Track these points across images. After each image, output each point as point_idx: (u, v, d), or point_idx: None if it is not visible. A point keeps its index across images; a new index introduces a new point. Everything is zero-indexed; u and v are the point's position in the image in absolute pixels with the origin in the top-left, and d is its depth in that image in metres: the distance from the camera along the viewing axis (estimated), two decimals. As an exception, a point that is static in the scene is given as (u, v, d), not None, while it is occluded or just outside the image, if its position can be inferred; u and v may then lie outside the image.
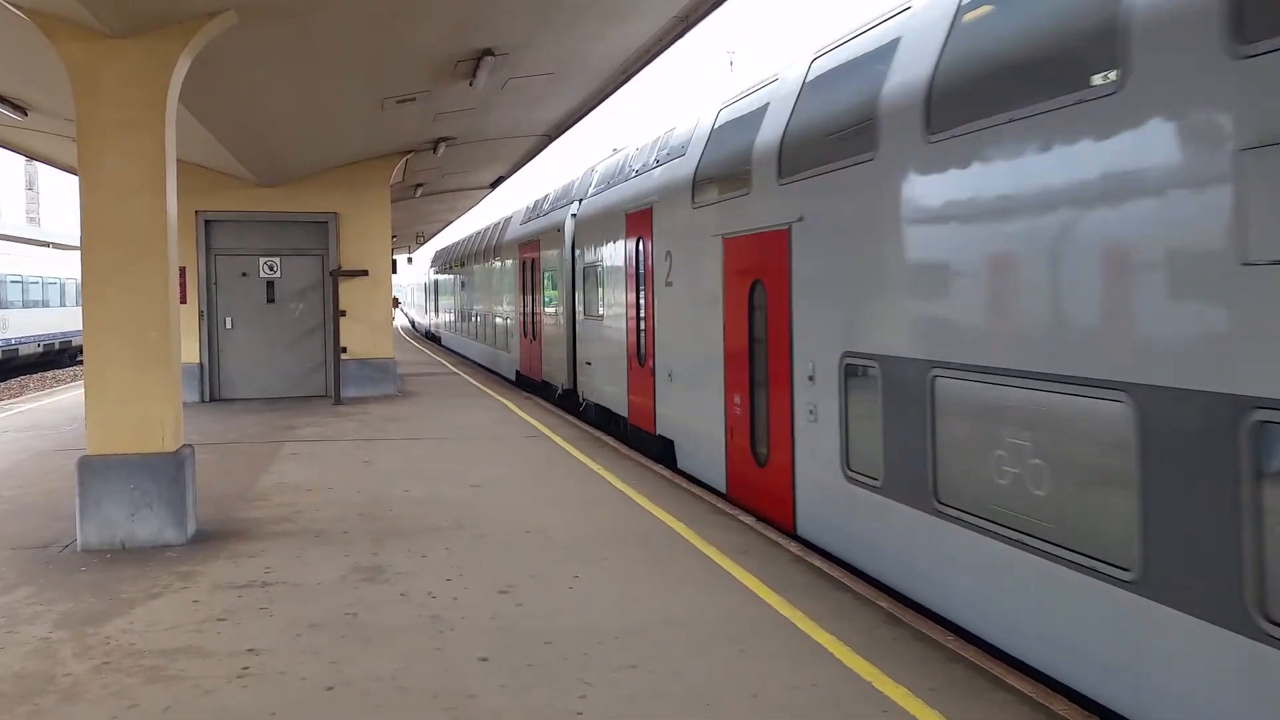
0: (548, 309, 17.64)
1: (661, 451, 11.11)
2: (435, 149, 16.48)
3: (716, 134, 9.64)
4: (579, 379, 15.67)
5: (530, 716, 4.41)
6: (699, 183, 9.76)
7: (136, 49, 7.31)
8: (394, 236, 29.53)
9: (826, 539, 7.21)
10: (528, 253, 19.53)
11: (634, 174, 12.59)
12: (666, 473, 10.16)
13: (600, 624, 5.59)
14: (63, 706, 4.58)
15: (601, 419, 14.28)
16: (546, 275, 17.71)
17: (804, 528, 7.57)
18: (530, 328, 19.43)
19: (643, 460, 10.88)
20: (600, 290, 14.03)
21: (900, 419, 6.09)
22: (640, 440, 11.96)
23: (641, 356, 11.90)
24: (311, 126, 13.74)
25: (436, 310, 41.84)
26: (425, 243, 48.40)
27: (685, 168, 10.25)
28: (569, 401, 16.22)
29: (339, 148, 15.68)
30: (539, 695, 4.63)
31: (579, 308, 15.44)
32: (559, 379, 16.82)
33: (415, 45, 10.12)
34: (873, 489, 6.47)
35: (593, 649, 5.20)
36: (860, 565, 6.72)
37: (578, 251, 15.47)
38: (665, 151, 11.38)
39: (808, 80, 7.57)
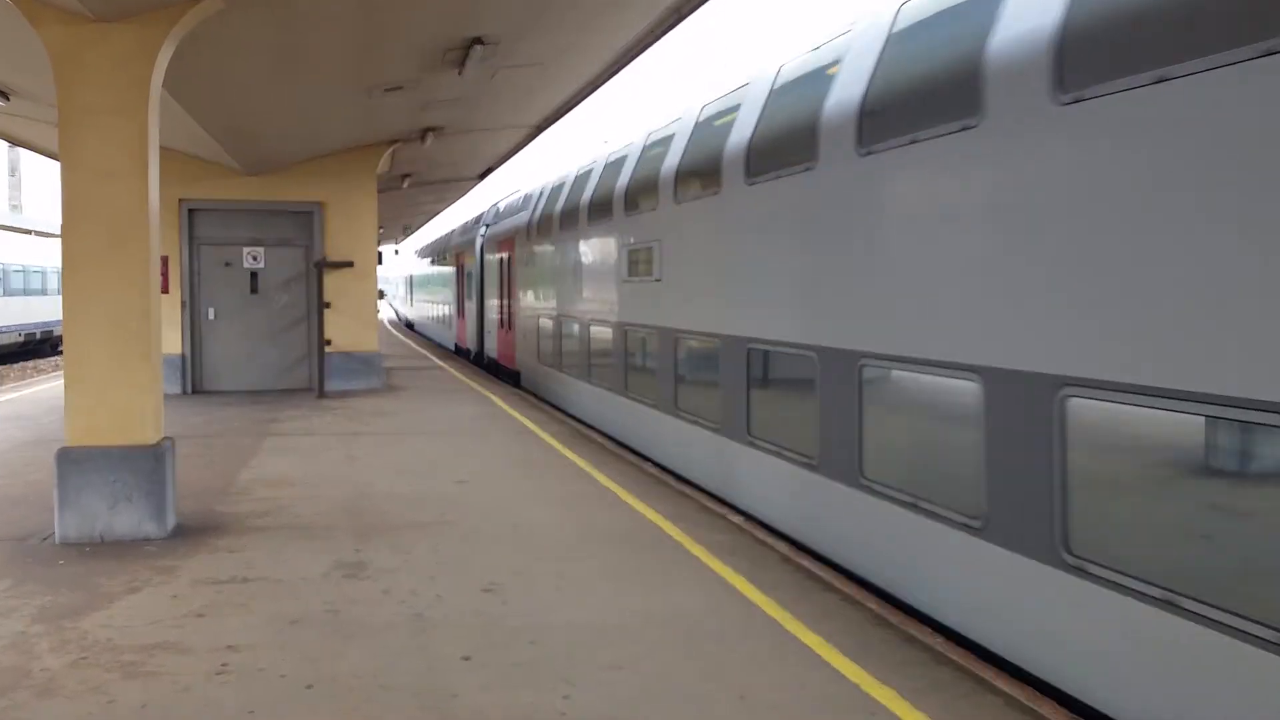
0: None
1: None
2: (423, 139, 16.34)
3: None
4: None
5: (514, 716, 4.36)
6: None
7: (120, 34, 7.20)
8: (381, 227, 29.52)
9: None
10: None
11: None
12: (654, 470, 10.12)
13: (586, 623, 5.54)
14: (38, 702, 4.49)
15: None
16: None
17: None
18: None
19: (631, 458, 10.84)
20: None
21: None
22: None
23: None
24: (297, 114, 13.61)
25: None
26: (412, 234, 48.23)
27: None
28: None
29: (325, 136, 15.54)
30: (522, 695, 4.58)
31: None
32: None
33: (403, 33, 10.02)
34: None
35: (578, 648, 5.15)
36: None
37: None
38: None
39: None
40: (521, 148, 19.49)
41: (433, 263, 36.62)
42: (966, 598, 5.39)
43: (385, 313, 58.88)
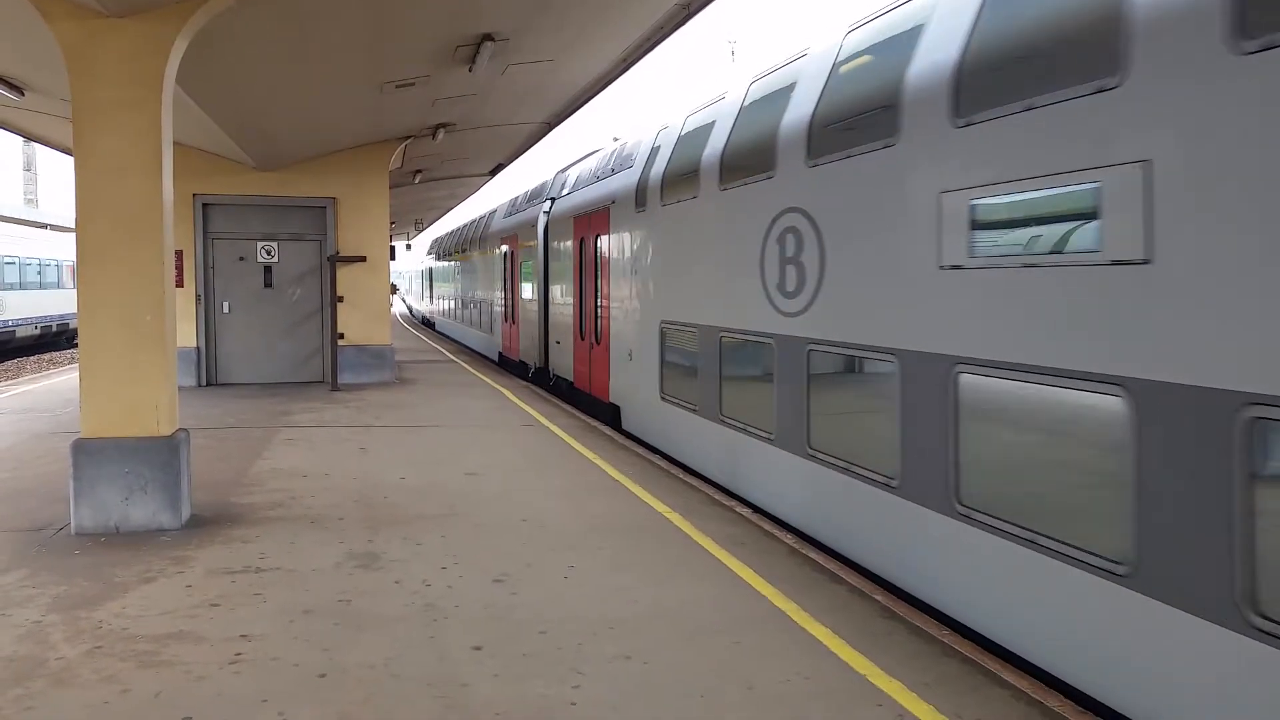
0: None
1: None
2: (434, 135, 16.40)
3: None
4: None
5: (523, 706, 4.39)
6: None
7: (133, 29, 7.25)
8: (392, 223, 29.50)
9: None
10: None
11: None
12: (662, 463, 10.14)
13: (595, 614, 5.57)
14: (54, 690, 4.56)
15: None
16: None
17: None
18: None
19: (640, 450, 10.87)
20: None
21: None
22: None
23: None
24: (310, 110, 13.66)
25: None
26: (424, 229, 48.31)
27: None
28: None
29: (337, 132, 15.60)
30: (532, 685, 4.61)
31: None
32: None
33: (414, 29, 10.06)
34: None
35: (587, 639, 5.18)
36: None
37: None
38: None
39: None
40: (533, 144, 19.52)
41: (461, 252, 30.28)
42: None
43: (397, 307, 58.96)
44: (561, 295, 16.26)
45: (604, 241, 13.21)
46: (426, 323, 43.79)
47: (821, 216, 7.18)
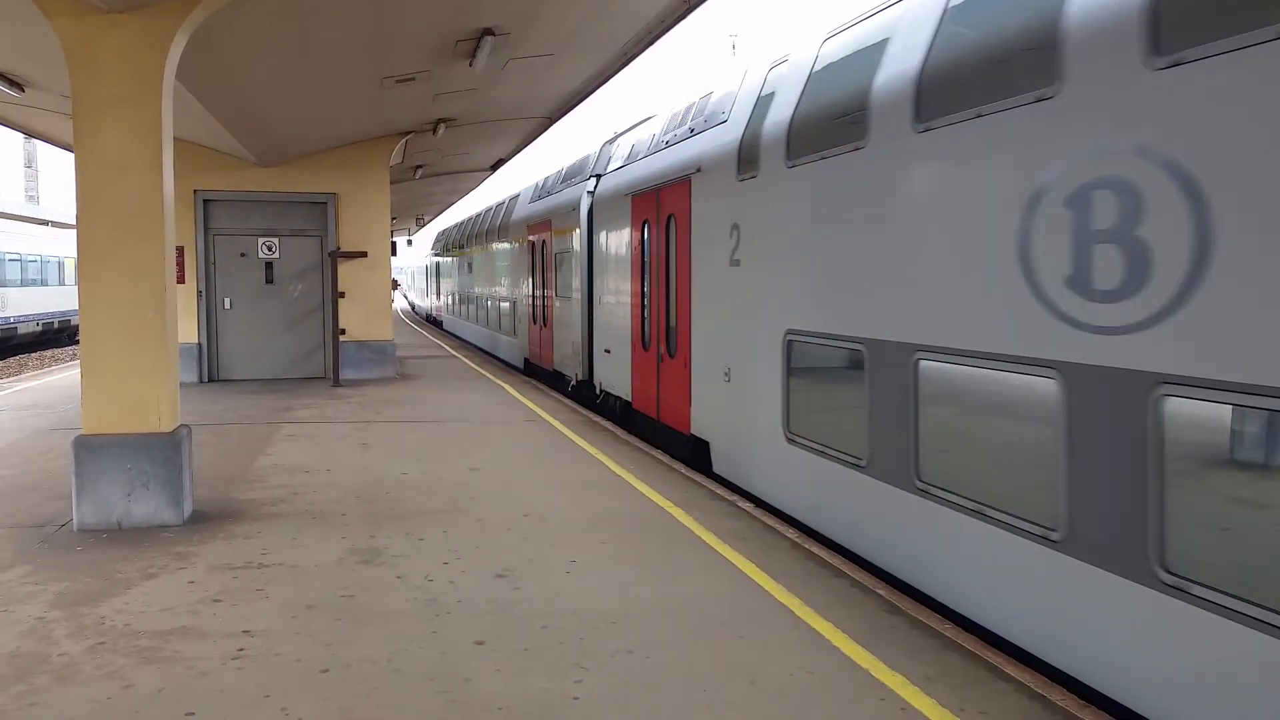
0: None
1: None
2: (435, 130, 16.38)
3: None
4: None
5: (526, 700, 4.39)
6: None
7: (132, 24, 7.23)
8: (393, 218, 29.41)
9: None
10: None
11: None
12: (664, 457, 10.13)
13: (597, 608, 5.57)
14: (57, 687, 4.56)
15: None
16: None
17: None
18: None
19: (639, 445, 10.86)
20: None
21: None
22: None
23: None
24: (310, 106, 13.64)
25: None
26: (425, 225, 48.25)
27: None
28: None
29: (338, 128, 15.58)
30: (535, 679, 4.61)
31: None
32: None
33: (414, 24, 10.04)
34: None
35: (589, 633, 5.18)
36: None
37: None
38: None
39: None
40: (534, 138, 19.50)
41: (474, 244, 27.08)
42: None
43: (398, 303, 58.94)
44: (613, 293, 13.13)
45: (681, 222, 10.10)
46: (433, 321, 41.51)
47: (1203, 158, 3.95)
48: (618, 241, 12.86)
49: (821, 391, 7.50)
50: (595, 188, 14.46)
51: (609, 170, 14.08)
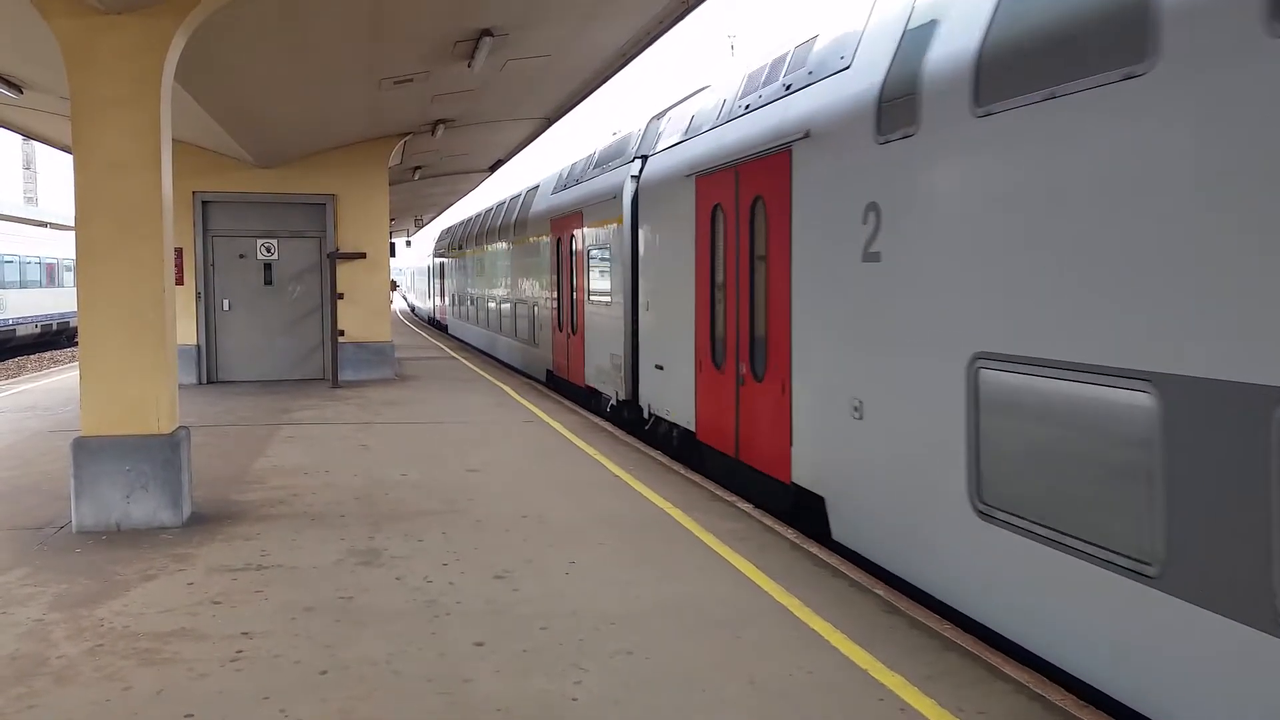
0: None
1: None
2: (434, 131, 16.38)
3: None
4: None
5: (525, 701, 4.39)
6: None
7: (131, 25, 7.23)
8: (392, 219, 29.35)
9: None
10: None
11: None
12: (663, 458, 10.13)
13: (596, 609, 5.57)
14: (55, 689, 4.56)
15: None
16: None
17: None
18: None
19: (639, 445, 10.86)
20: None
21: None
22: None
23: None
24: (309, 106, 13.65)
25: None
26: (424, 226, 48.21)
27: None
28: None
29: (337, 129, 15.58)
30: (534, 680, 4.61)
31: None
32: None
33: (412, 25, 10.04)
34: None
35: (588, 634, 5.18)
36: None
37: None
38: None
39: None
40: (532, 139, 19.51)
41: (485, 242, 24.39)
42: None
43: (397, 304, 58.90)
44: (667, 296, 10.64)
45: (774, 205, 7.97)
46: (435, 324, 39.25)
47: None
48: (674, 232, 10.42)
49: (1049, 442, 4.77)
50: (641, 171, 12.01)
51: (660, 149, 11.52)
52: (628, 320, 12.26)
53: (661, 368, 10.95)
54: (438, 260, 37.30)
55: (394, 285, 31.25)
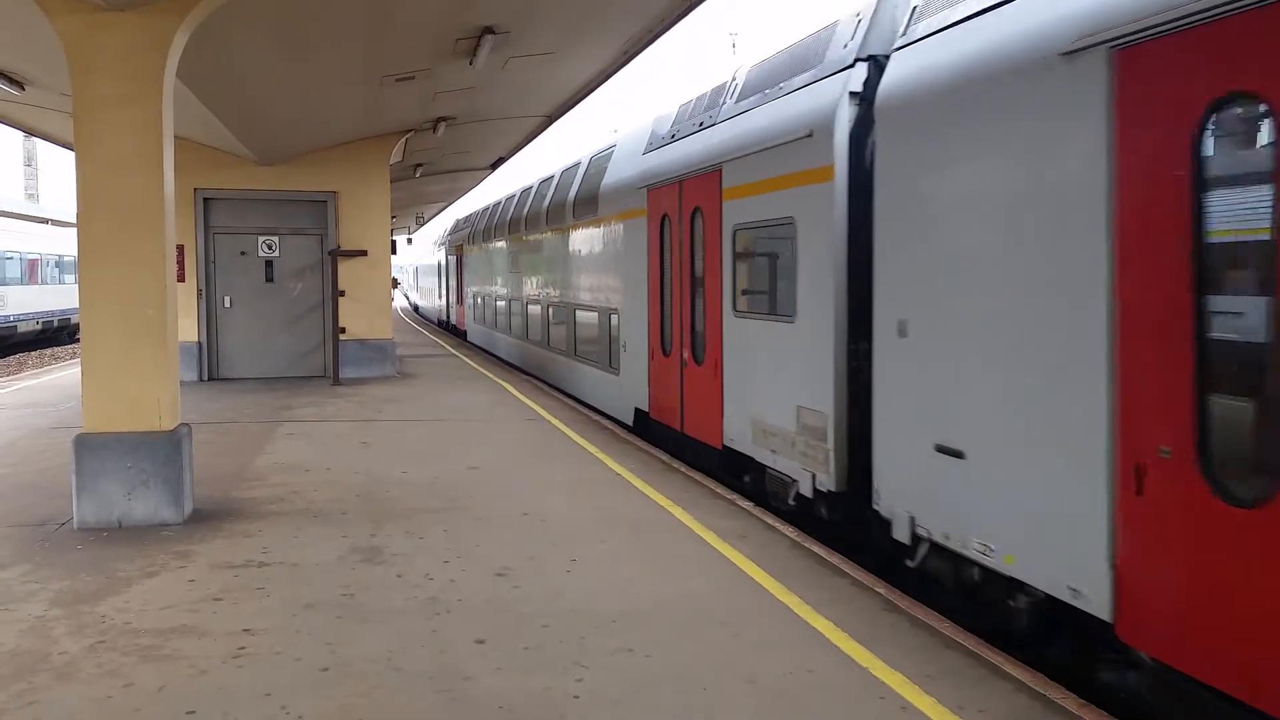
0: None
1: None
2: (435, 129, 16.38)
3: None
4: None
5: (526, 699, 4.40)
6: None
7: (133, 23, 7.23)
8: (393, 217, 29.22)
9: None
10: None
11: None
12: (664, 456, 10.13)
13: (597, 607, 5.57)
14: (57, 685, 4.56)
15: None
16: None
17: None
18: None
19: (640, 444, 10.86)
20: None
21: None
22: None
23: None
24: (310, 104, 13.65)
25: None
26: (425, 224, 48.18)
27: None
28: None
29: (338, 126, 15.58)
30: (535, 678, 4.62)
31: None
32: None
33: (413, 22, 10.04)
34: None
35: (589, 632, 5.18)
36: None
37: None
38: None
39: None
40: (534, 137, 19.51)
41: (520, 231, 19.19)
42: None
43: (398, 301, 58.92)
44: (972, 314, 5.72)
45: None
46: (449, 329, 33.45)
47: None
48: (993, 189, 5.52)
49: None
50: (880, 80, 6.87)
51: (924, 34, 6.37)
52: (837, 350, 7.36)
53: (961, 455, 5.79)
54: (453, 255, 31.72)
55: (395, 283, 30.02)
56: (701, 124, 10.15)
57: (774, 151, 8.20)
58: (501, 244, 21.71)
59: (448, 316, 34.48)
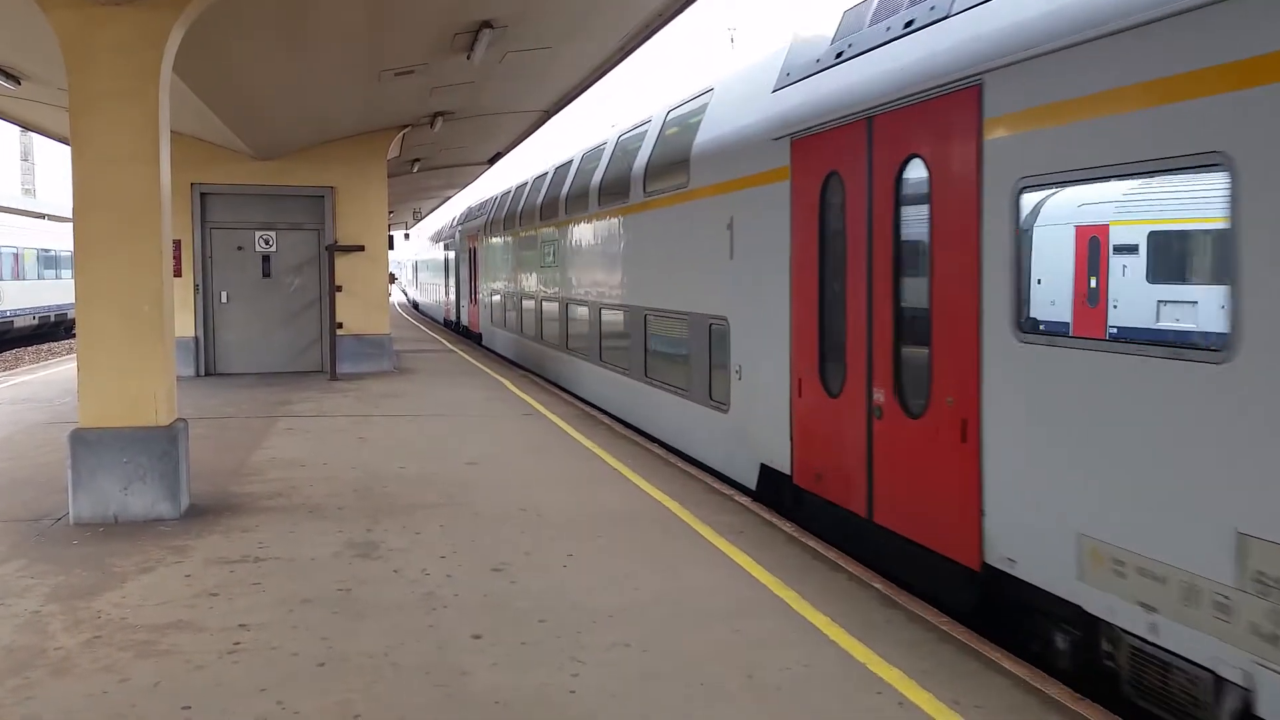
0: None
1: None
2: (433, 123, 16.35)
3: None
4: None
5: (523, 694, 4.40)
6: None
7: (129, 17, 7.21)
8: (391, 212, 29.10)
9: None
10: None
11: None
12: (661, 451, 10.13)
13: (594, 602, 5.57)
14: (53, 680, 4.56)
15: None
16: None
17: None
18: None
19: (637, 439, 10.86)
20: None
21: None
22: None
23: None
24: (307, 98, 13.62)
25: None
26: (422, 219, 48.10)
27: None
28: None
29: (335, 121, 15.56)
30: (532, 673, 4.62)
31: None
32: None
33: (412, 17, 10.01)
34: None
35: (586, 627, 5.18)
36: None
37: None
38: None
39: None
40: (531, 132, 19.49)
41: (564, 213, 15.21)
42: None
43: (394, 296, 58.83)
44: None
45: None
46: (458, 330, 29.90)
47: None
48: None
49: None
50: None
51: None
52: None
53: None
54: (463, 247, 27.85)
55: (392, 278, 28.76)
56: (910, 24, 6.51)
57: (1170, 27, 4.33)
58: (532, 232, 17.76)
59: (457, 317, 30.43)
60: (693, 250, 9.82)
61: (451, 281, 31.67)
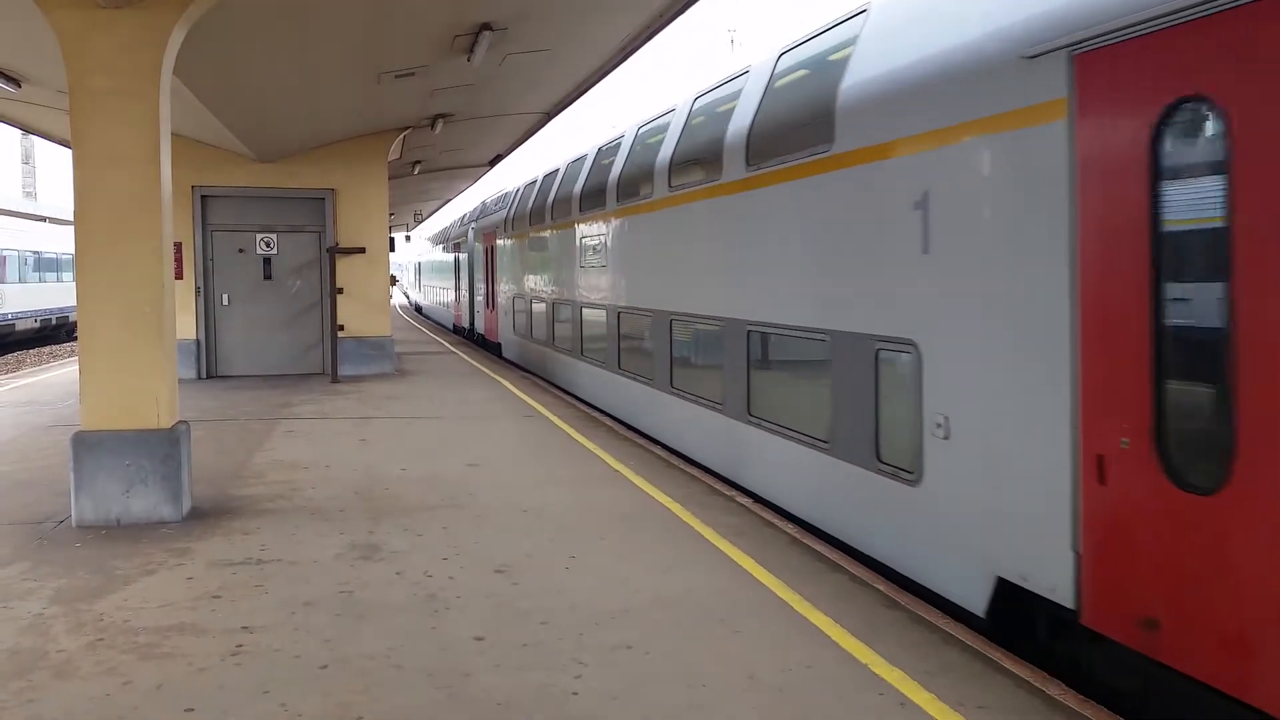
0: None
1: None
2: (433, 125, 16.36)
3: None
4: None
5: (525, 696, 4.39)
6: None
7: (129, 19, 7.21)
8: (391, 214, 29.06)
9: None
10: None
11: None
12: (663, 453, 10.13)
13: (596, 604, 5.57)
14: (55, 683, 4.55)
15: None
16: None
17: None
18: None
19: (639, 440, 10.85)
20: None
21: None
22: None
23: None
24: (308, 100, 13.63)
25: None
26: (423, 220, 48.09)
27: None
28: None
29: (336, 123, 15.56)
30: (534, 675, 4.61)
31: None
32: None
33: (411, 18, 10.02)
34: None
35: (588, 629, 5.18)
36: None
37: None
38: None
39: None
40: (532, 134, 19.50)
41: (619, 198, 11.91)
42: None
43: (395, 298, 58.85)
44: None
45: None
46: (471, 338, 26.79)
47: None
48: None
49: None
50: None
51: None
52: None
53: None
54: (476, 247, 24.93)
55: (393, 280, 28.54)
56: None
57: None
58: (572, 228, 14.42)
59: (470, 324, 26.90)
60: (839, 241, 6.88)
61: (463, 285, 28.05)
